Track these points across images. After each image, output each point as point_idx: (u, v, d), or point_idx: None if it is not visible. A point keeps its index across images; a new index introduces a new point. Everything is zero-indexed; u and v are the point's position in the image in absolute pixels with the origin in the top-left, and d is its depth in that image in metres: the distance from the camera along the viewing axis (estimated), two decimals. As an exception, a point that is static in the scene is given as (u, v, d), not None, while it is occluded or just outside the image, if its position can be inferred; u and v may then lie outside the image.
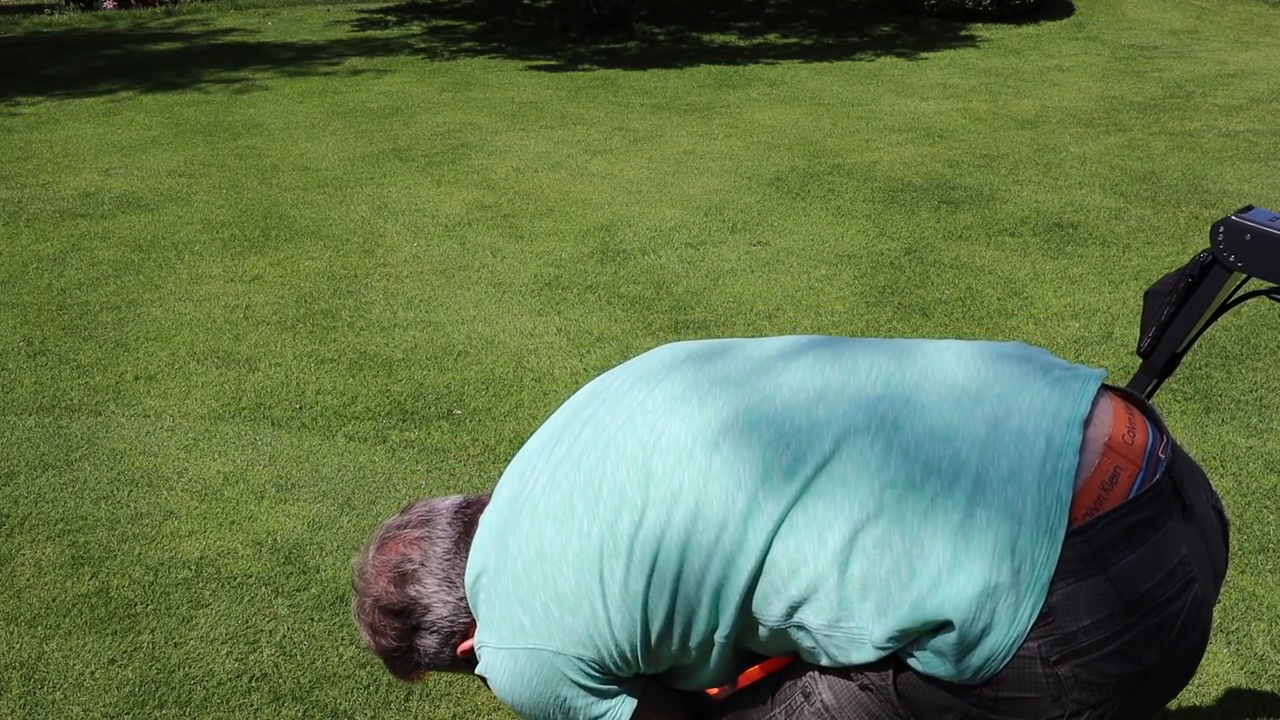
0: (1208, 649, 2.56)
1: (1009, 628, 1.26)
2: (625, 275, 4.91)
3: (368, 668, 2.58)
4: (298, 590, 2.86)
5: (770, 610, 1.37)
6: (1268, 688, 2.49)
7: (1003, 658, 1.27)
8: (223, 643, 2.67)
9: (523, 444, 1.62)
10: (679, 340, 1.63)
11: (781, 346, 1.51)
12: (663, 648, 1.43)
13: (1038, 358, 1.44)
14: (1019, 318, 4.40)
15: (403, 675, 1.66)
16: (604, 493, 1.41)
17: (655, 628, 1.40)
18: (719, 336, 3.52)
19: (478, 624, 1.53)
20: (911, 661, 1.32)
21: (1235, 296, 1.92)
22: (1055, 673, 1.27)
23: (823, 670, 1.42)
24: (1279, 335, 4.18)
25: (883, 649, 1.32)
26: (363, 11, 13.25)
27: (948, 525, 1.28)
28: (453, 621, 1.56)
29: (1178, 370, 3.81)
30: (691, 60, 10.17)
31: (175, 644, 2.67)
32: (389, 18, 12.86)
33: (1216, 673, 2.53)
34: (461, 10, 13.40)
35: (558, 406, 1.64)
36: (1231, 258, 1.80)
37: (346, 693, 2.51)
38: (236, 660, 2.62)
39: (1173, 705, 2.44)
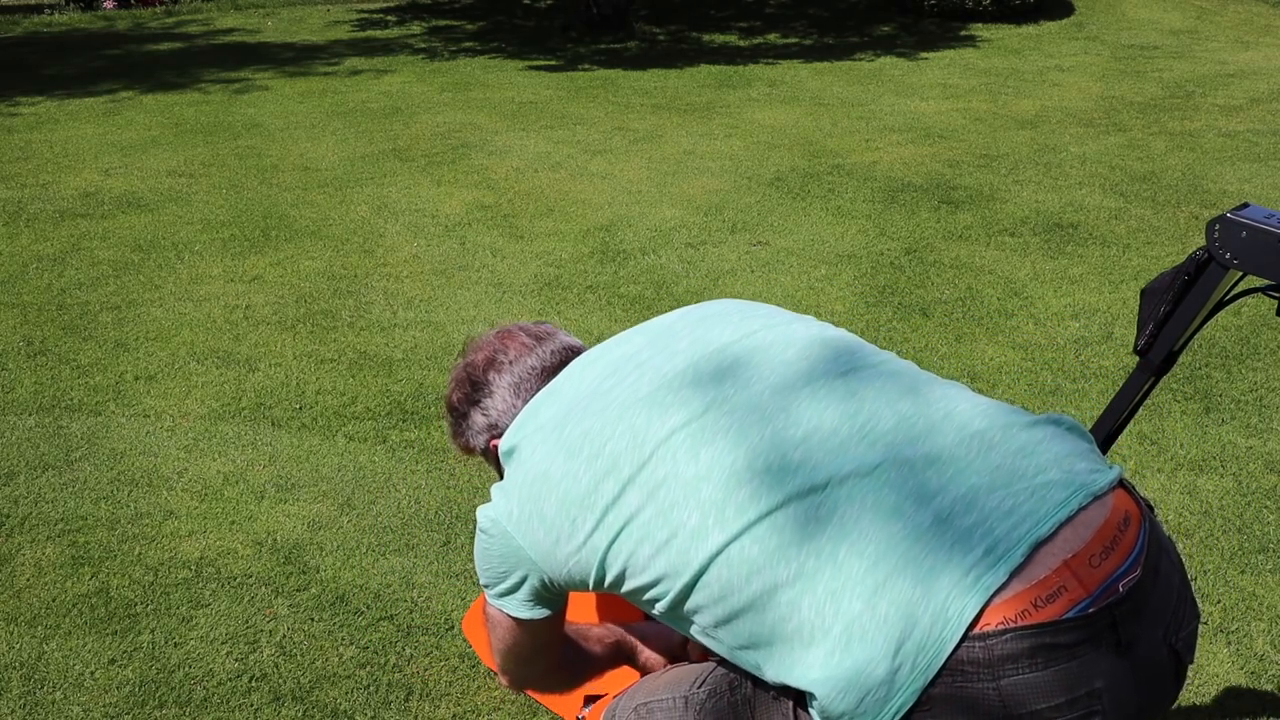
0: (1209, 649, 2.57)
1: (874, 719, 1.30)
2: (625, 275, 4.91)
3: (368, 668, 2.58)
4: (298, 590, 2.86)
5: (699, 616, 1.47)
6: (1268, 688, 2.49)
7: None
8: (223, 643, 2.67)
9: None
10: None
11: (803, 364, 1.55)
12: (614, 588, 1.56)
13: (1043, 450, 1.39)
14: (1019, 318, 4.40)
15: (452, 438, 1.87)
16: (605, 451, 1.52)
17: (607, 579, 1.53)
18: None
19: (502, 479, 1.69)
20: (812, 706, 1.40)
21: (1231, 294, 1.92)
22: None
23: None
24: (1279, 335, 4.18)
25: (772, 683, 1.42)
26: (363, 11, 13.25)
27: (849, 609, 1.31)
28: (498, 418, 1.76)
29: (1176, 369, 3.82)
30: (691, 60, 10.18)
31: (175, 644, 2.67)
32: (389, 18, 12.86)
33: (1216, 673, 2.53)
34: (461, 10, 13.40)
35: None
36: (1227, 255, 1.80)
37: (346, 693, 2.51)
38: (236, 660, 2.62)
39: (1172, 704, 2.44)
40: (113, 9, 13.69)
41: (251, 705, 2.48)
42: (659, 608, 1.51)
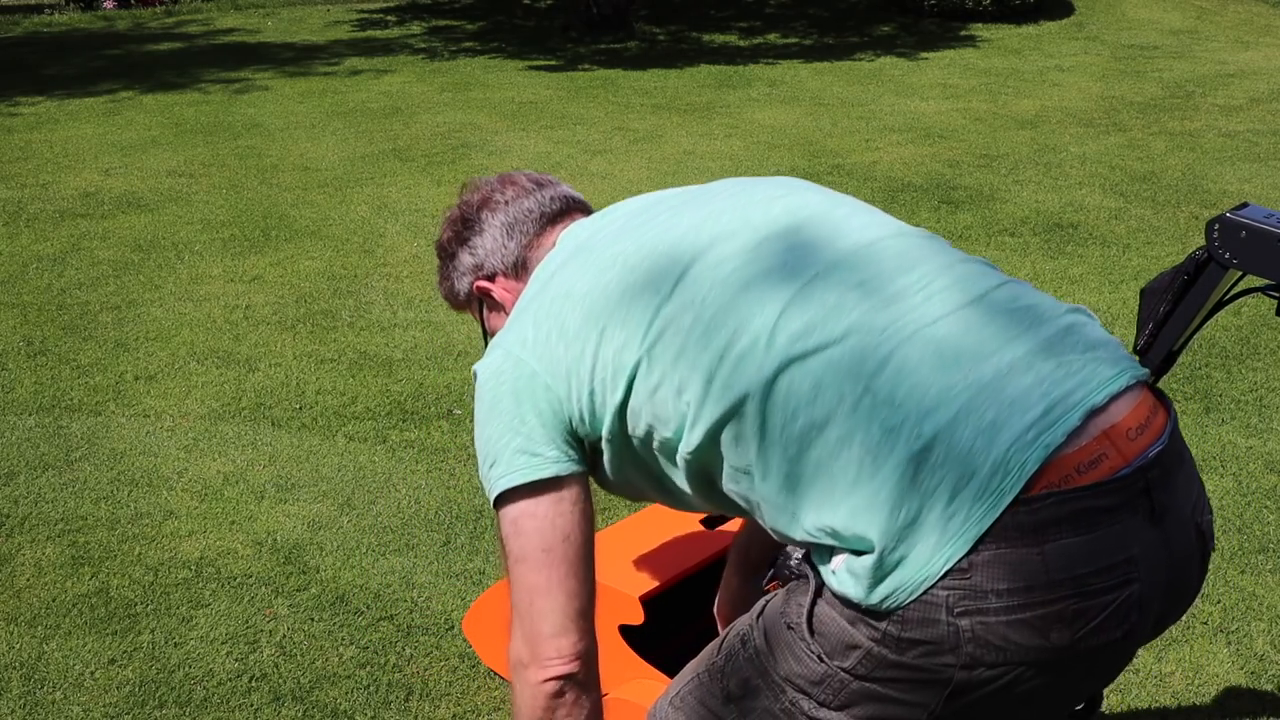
0: (1209, 649, 2.57)
1: (922, 568, 1.27)
2: (625, 275, 4.91)
3: (368, 668, 2.58)
4: (298, 590, 2.86)
5: (734, 452, 1.40)
6: (1268, 688, 2.49)
7: (908, 594, 1.28)
8: (223, 643, 2.67)
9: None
10: None
11: (874, 215, 1.53)
12: (633, 424, 1.47)
13: (1088, 332, 1.43)
14: (1018, 317, 4.40)
15: (439, 283, 1.79)
16: (641, 268, 1.47)
17: (633, 399, 1.44)
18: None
19: (505, 325, 1.61)
20: (830, 579, 1.35)
21: (1231, 293, 1.92)
22: (956, 623, 1.28)
23: (760, 613, 1.46)
24: (1279, 335, 4.18)
25: (810, 535, 1.35)
26: (363, 11, 13.26)
27: (904, 451, 1.29)
28: (485, 258, 1.70)
29: (1176, 369, 3.82)
30: (691, 60, 10.18)
31: (175, 644, 2.67)
32: (389, 18, 12.87)
33: (1216, 673, 2.53)
34: (461, 10, 13.41)
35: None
36: (1227, 254, 1.80)
37: (346, 693, 2.51)
38: (236, 660, 2.62)
39: (1173, 704, 2.44)
40: (113, 9, 13.70)
41: (251, 705, 2.48)
42: (688, 445, 1.43)
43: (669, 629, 2.24)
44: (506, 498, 1.48)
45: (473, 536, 3.05)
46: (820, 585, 1.37)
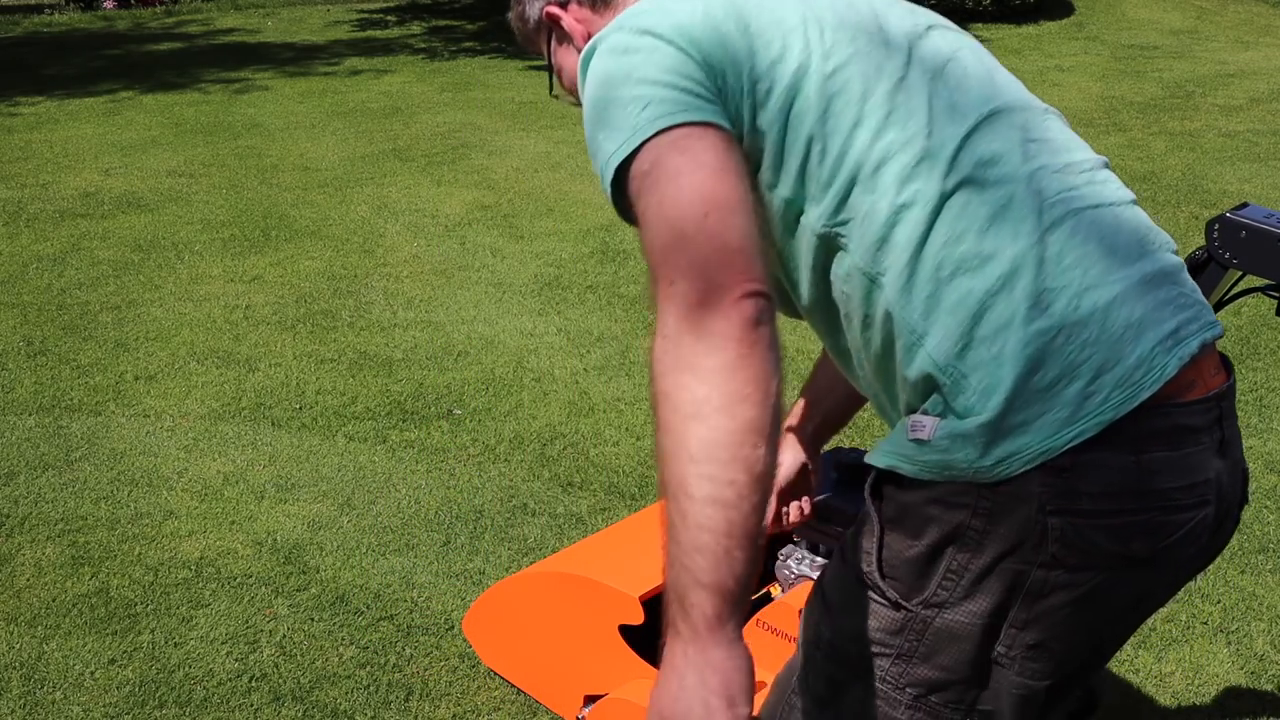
0: (1209, 649, 2.57)
1: (1048, 438, 1.26)
2: (625, 275, 4.91)
3: (368, 668, 2.58)
4: (298, 590, 2.86)
5: (871, 257, 1.31)
6: (1268, 688, 2.50)
7: (1023, 463, 1.26)
8: (223, 643, 2.67)
9: (522, 443, 1.60)
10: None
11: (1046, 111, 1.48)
12: (771, 158, 1.32)
13: (1188, 278, 1.45)
14: (1019, 317, 4.40)
15: (511, 4, 1.62)
16: (834, 11, 1.36)
17: (785, 136, 1.31)
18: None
19: (550, 67, 1.50)
20: (916, 457, 1.30)
21: (1231, 293, 1.93)
22: (1045, 521, 1.28)
23: (820, 594, 1.43)
24: (1279, 335, 4.18)
25: (932, 366, 1.29)
26: (363, 11, 13.26)
27: (1060, 316, 1.27)
28: None
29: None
30: (691, 60, 10.18)
31: (175, 644, 2.67)
32: (389, 18, 12.87)
33: (1216, 673, 2.53)
34: (461, 10, 13.41)
35: (557, 407, 1.65)
36: (1227, 254, 1.81)
37: (346, 693, 2.51)
38: (236, 660, 2.62)
39: (1173, 704, 2.44)
40: (113, 9, 13.71)
41: (251, 705, 2.48)
42: (820, 218, 1.32)
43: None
44: (658, 137, 1.23)
45: (473, 536, 3.06)
46: (884, 526, 1.34)
